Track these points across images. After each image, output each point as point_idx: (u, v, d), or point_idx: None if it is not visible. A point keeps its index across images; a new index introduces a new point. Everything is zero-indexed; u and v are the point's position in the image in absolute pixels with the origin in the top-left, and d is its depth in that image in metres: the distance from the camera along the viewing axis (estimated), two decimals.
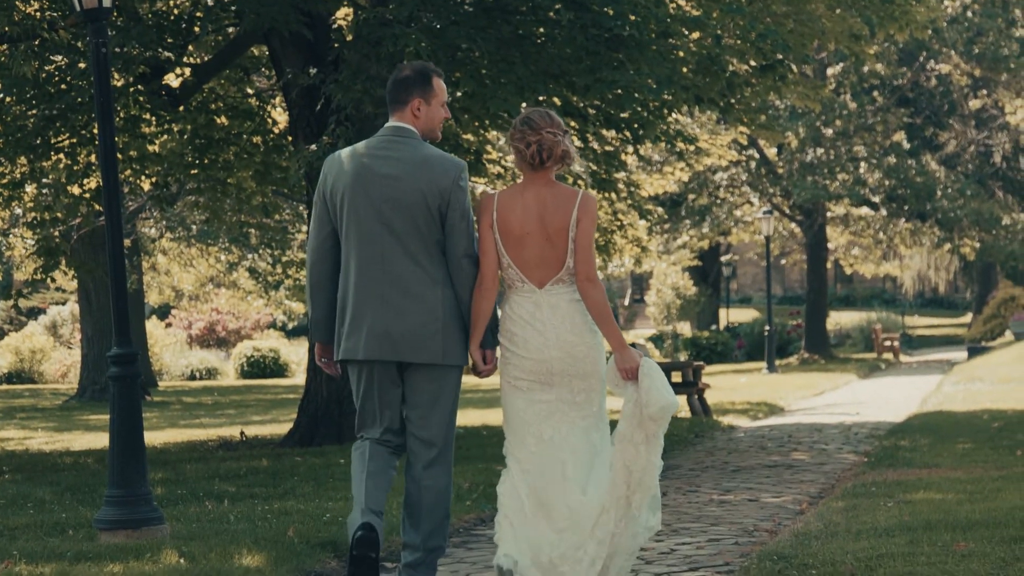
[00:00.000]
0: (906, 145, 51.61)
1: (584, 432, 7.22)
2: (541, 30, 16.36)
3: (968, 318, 72.33)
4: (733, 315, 68.51)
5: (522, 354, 7.24)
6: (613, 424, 7.25)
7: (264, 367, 50.71)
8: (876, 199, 49.66)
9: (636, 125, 17.11)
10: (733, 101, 18.35)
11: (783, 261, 67.69)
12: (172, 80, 19.41)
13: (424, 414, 7.36)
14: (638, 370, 7.17)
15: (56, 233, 21.57)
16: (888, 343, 50.38)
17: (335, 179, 7.36)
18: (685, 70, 17.16)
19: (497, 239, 7.22)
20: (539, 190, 7.24)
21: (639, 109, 17.02)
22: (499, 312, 7.45)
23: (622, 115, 17.11)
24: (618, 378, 7.23)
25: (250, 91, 21.21)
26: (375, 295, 7.26)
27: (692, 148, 19.94)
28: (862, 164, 48.15)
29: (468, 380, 32.51)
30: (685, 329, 58.30)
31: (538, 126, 7.22)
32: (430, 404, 7.35)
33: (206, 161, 20.42)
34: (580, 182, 19.82)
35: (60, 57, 17.08)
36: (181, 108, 19.06)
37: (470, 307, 7.32)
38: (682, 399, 21.95)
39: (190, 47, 19.29)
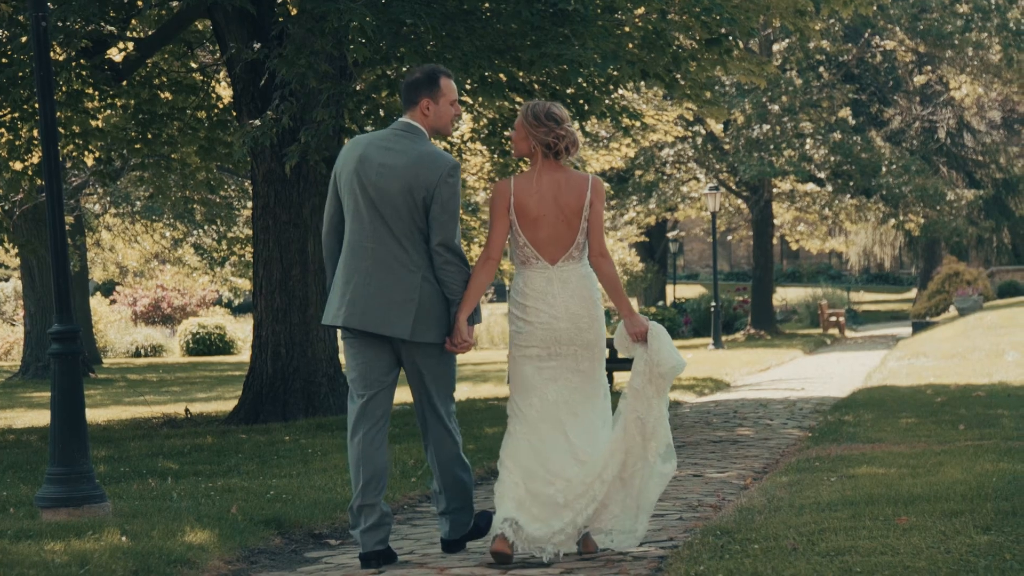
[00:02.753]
0: (852, 121, 51.82)
1: (587, 397, 7.97)
2: (486, 5, 16.31)
3: (913, 294, 72.83)
4: (680, 291, 68.72)
5: (534, 323, 7.92)
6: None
7: (210, 344, 50.51)
8: (822, 175, 49.85)
9: (582, 100, 17.09)
10: (678, 76, 18.33)
11: (729, 237, 67.96)
12: (115, 54, 19.25)
13: (418, 386, 8.04)
14: (647, 333, 8.05)
15: None
16: (834, 319, 50.61)
17: (343, 163, 8.04)
18: (630, 45, 17.14)
19: (514, 220, 7.89)
20: (553, 175, 7.93)
21: (584, 84, 16.99)
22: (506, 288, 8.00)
23: (567, 90, 17.09)
24: (628, 341, 8.11)
25: (194, 66, 21.08)
26: (360, 270, 7.89)
27: (638, 124, 19.92)
28: (808, 140, 48.31)
29: None
30: (632, 305, 58.39)
31: (561, 119, 7.92)
32: (423, 377, 8.00)
33: (150, 136, 20.29)
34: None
35: (0, 31, 16.90)
36: (124, 83, 18.92)
37: (452, 288, 7.89)
38: (628, 375, 21.94)
39: (133, 21, 19.14)
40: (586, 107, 17.17)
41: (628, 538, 8.02)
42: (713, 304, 42.05)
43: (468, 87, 17.29)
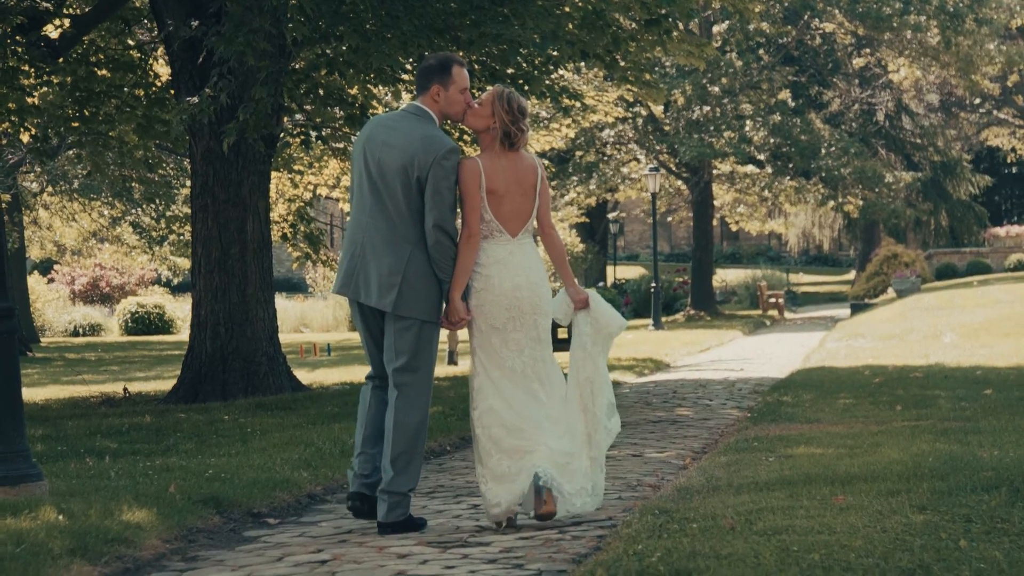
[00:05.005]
0: (791, 103, 52.01)
1: (548, 364, 8.44)
2: None
3: (851, 275, 73.27)
4: (620, 272, 68.90)
5: (496, 291, 8.32)
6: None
7: (149, 323, 50.24)
8: (762, 157, 50.03)
9: (521, 81, 17.07)
10: (618, 57, 18.33)
11: (670, 218, 68.08)
12: (51, 31, 19.08)
13: (391, 357, 8.33)
14: (587, 300, 8.56)
15: None
16: (773, 300, 50.85)
17: (358, 139, 8.50)
18: (570, 25, 17.13)
19: (483, 197, 8.29)
20: (509, 156, 8.41)
21: (524, 64, 16.98)
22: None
23: (507, 70, 17.07)
24: (569, 309, 8.57)
25: (131, 43, 20.91)
26: (357, 242, 8.35)
27: (578, 105, 19.92)
28: (748, 122, 48.46)
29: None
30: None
31: (526, 114, 8.44)
32: (396, 349, 8.30)
33: (87, 114, 20.12)
34: (466, 137, 19.75)
35: None
36: (61, 60, 18.75)
37: (442, 268, 8.26)
38: (567, 355, 21.96)
39: None
40: (526, 87, 17.16)
41: (592, 499, 8.35)
42: (653, 285, 42.17)
43: (408, 66, 17.26)
